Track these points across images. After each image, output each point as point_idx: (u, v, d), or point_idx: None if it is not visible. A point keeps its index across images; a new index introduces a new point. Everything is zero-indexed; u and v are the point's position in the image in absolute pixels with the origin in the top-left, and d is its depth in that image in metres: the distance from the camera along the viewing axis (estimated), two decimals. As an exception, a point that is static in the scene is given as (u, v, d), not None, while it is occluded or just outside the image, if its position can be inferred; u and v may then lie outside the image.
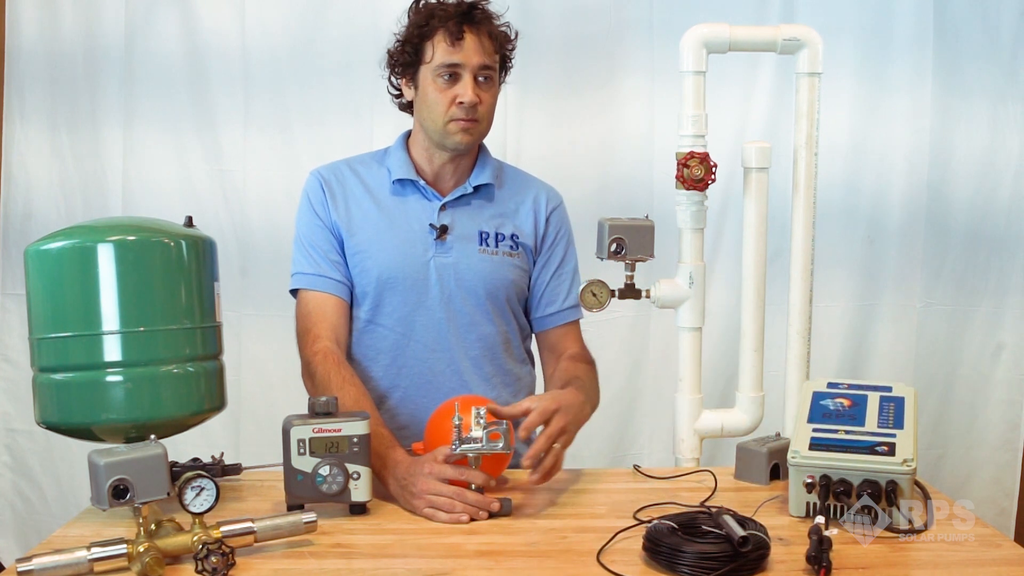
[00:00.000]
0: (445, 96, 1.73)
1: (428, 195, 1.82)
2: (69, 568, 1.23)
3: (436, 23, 1.73)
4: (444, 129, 1.75)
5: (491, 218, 1.85)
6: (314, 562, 1.30)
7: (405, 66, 1.79)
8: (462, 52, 1.72)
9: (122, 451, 1.29)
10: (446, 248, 1.80)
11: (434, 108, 1.75)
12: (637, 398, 2.85)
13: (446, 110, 1.74)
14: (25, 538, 2.86)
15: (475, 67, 1.73)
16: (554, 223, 1.91)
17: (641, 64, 2.75)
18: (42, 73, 2.76)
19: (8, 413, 2.85)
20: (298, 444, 1.44)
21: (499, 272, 1.83)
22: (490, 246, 1.82)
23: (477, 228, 1.83)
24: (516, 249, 1.85)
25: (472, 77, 1.73)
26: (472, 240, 1.82)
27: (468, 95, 1.72)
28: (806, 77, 1.89)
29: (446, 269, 1.79)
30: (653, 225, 1.80)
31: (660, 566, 1.26)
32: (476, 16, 1.74)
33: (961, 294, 2.83)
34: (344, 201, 1.81)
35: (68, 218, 2.73)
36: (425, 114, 1.77)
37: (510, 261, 1.84)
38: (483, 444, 1.47)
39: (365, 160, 1.89)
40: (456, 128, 1.75)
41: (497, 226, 1.85)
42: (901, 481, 1.39)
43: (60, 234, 1.48)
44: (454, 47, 1.72)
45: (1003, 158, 2.79)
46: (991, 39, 2.76)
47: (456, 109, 1.73)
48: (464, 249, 1.81)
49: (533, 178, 1.96)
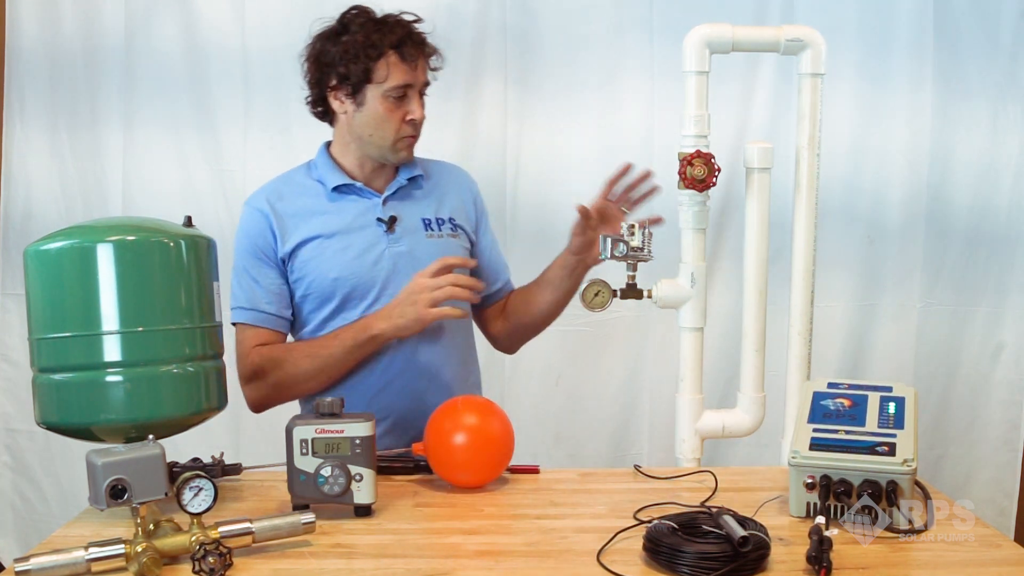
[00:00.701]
0: (396, 115, 1.80)
1: (366, 195, 1.86)
2: (66, 568, 1.23)
3: (388, 45, 1.76)
4: (393, 147, 1.82)
5: (428, 205, 1.91)
6: (314, 562, 1.30)
7: (349, 81, 1.79)
8: (415, 73, 1.79)
9: (120, 451, 1.29)
10: (397, 238, 1.85)
11: (385, 126, 1.80)
12: (637, 398, 2.85)
13: (397, 128, 1.81)
14: (25, 538, 2.86)
15: (421, 85, 1.82)
16: (480, 203, 2.01)
17: (641, 64, 2.75)
18: (42, 73, 2.76)
19: (8, 413, 2.85)
20: (300, 444, 1.44)
21: (450, 252, 1.89)
22: (435, 230, 1.89)
23: (420, 216, 1.89)
24: (456, 231, 1.92)
25: (419, 95, 1.82)
26: (418, 227, 1.88)
27: (419, 113, 1.81)
28: (809, 78, 1.89)
29: (402, 257, 1.84)
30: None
31: (660, 566, 1.26)
32: (422, 37, 1.81)
33: (961, 294, 2.83)
34: (289, 218, 1.83)
35: (68, 218, 2.73)
36: (372, 131, 1.81)
37: (455, 242, 1.91)
38: (645, 251, 1.75)
39: (294, 177, 1.90)
40: (403, 145, 1.83)
41: (435, 212, 1.91)
42: (901, 481, 1.39)
43: (60, 234, 1.48)
44: (409, 68, 1.78)
45: (1003, 158, 2.79)
46: (991, 39, 2.76)
47: (407, 127, 1.81)
48: (413, 237, 1.87)
49: (449, 164, 2.04)
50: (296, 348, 1.82)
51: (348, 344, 1.76)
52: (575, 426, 2.84)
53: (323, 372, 1.78)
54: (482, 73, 2.75)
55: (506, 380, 2.81)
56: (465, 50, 2.73)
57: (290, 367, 1.78)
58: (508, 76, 2.75)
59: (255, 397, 1.82)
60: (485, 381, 2.75)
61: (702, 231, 1.91)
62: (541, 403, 2.82)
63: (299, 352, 1.80)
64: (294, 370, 1.78)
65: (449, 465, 1.61)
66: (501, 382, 2.81)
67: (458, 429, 1.60)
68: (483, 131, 2.77)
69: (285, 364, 1.78)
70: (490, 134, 2.77)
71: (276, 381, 1.79)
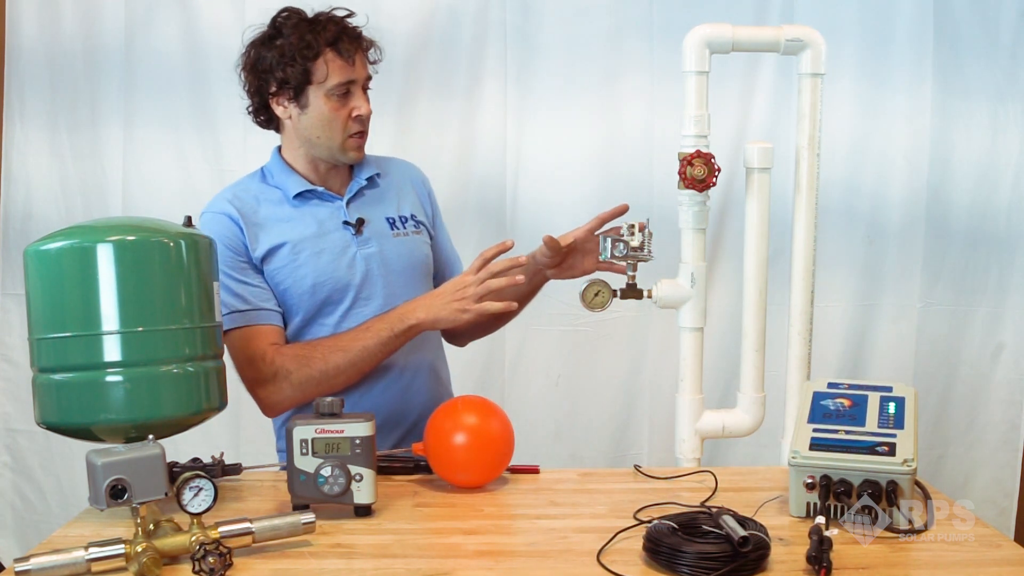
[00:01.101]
0: (341, 113, 1.79)
1: (328, 198, 1.86)
2: (66, 568, 1.23)
3: (324, 43, 1.75)
4: (342, 146, 1.81)
5: (389, 204, 1.91)
6: (314, 562, 1.30)
7: (289, 85, 1.77)
8: (355, 69, 1.78)
9: (120, 451, 1.29)
10: (366, 240, 1.85)
11: (332, 126, 1.79)
12: (637, 398, 2.85)
13: (344, 126, 1.79)
14: (25, 538, 2.86)
15: (363, 80, 1.81)
16: (433, 198, 2.02)
17: (641, 64, 2.75)
18: (42, 73, 2.76)
19: (8, 413, 2.85)
20: (300, 444, 1.44)
21: (417, 250, 1.91)
22: (399, 228, 1.90)
23: (383, 215, 1.89)
24: (418, 227, 1.93)
25: (362, 90, 1.80)
26: (384, 228, 1.88)
27: (365, 108, 1.80)
28: (809, 78, 1.89)
29: (372, 258, 1.84)
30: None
31: (660, 566, 1.26)
32: (357, 31, 1.80)
33: (961, 294, 2.83)
34: (254, 226, 1.80)
35: (68, 218, 2.73)
36: (319, 132, 1.80)
37: (419, 238, 1.92)
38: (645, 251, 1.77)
39: (249, 185, 1.87)
40: (352, 145, 1.82)
41: (397, 210, 1.92)
42: (901, 481, 1.39)
43: (59, 234, 1.48)
44: (348, 65, 1.76)
45: (1003, 158, 2.79)
46: (991, 39, 2.76)
47: (353, 124, 1.80)
48: (381, 237, 1.87)
49: (399, 160, 2.04)
50: (322, 344, 1.77)
51: (384, 336, 1.75)
52: (575, 426, 2.84)
53: (355, 366, 1.76)
54: (482, 73, 2.75)
55: (506, 380, 2.82)
56: (465, 50, 2.74)
57: (319, 363, 1.74)
58: (508, 76, 2.75)
59: (276, 400, 1.77)
60: (485, 381, 2.77)
61: (702, 231, 1.91)
62: (541, 403, 2.82)
63: (326, 347, 1.76)
64: (324, 366, 1.74)
65: (449, 465, 1.61)
66: (501, 382, 2.81)
67: (458, 429, 1.60)
68: (483, 131, 2.77)
69: (313, 361, 1.74)
70: (490, 134, 2.77)
71: (303, 379, 1.74)
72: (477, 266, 1.74)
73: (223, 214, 1.80)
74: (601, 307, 1.84)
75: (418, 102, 2.75)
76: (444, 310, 1.73)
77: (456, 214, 2.73)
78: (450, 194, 2.75)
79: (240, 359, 1.77)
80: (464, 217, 2.75)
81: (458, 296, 1.73)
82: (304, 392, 1.75)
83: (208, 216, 1.81)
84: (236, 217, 1.79)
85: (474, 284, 1.72)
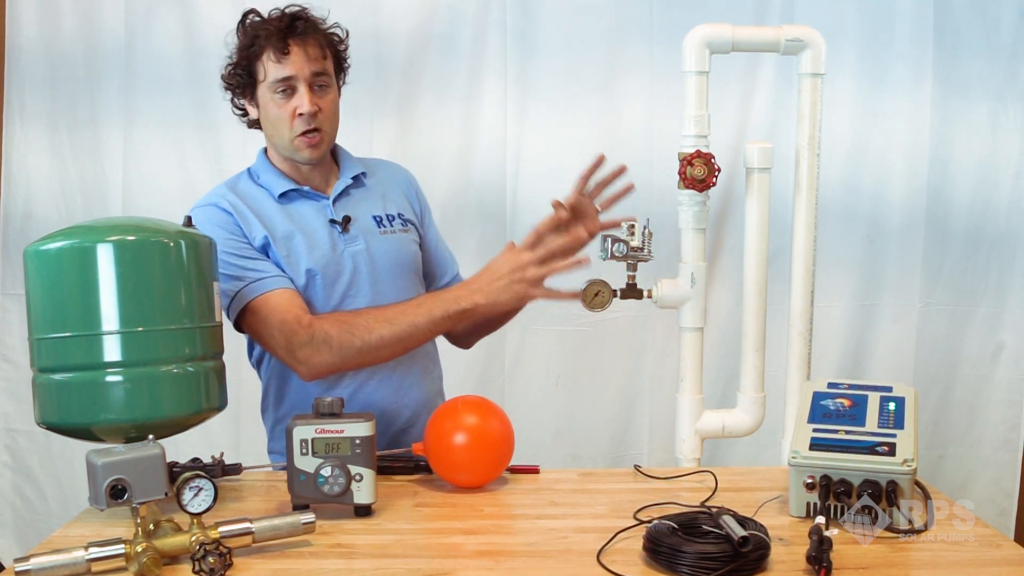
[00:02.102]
0: (285, 111, 1.76)
1: (314, 197, 1.84)
2: (66, 568, 1.23)
3: (262, 41, 1.75)
4: (292, 146, 1.78)
5: (376, 203, 1.90)
6: (314, 562, 1.30)
7: (243, 88, 1.81)
8: (291, 64, 1.74)
9: (120, 451, 1.29)
10: (353, 238, 1.83)
11: (278, 125, 1.78)
12: (637, 398, 2.85)
13: (290, 125, 1.76)
14: (25, 538, 2.86)
15: (307, 76, 1.75)
16: (422, 197, 2.00)
17: (641, 64, 2.75)
18: (42, 73, 2.76)
19: (8, 413, 2.85)
20: (300, 444, 1.44)
21: (405, 247, 1.89)
22: (387, 226, 1.88)
23: (370, 213, 1.87)
24: (406, 226, 1.91)
25: (307, 87, 1.76)
26: (371, 225, 1.86)
27: (305, 105, 1.74)
28: (809, 78, 1.89)
29: (360, 256, 1.82)
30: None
31: (660, 566, 1.26)
32: (299, 27, 1.76)
33: (961, 294, 2.83)
34: (250, 217, 1.79)
35: (68, 218, 2.73)
36: (271, 131, 1.81)
37: (407, 237, 1.90)
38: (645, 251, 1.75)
39: (237, 184, 1.86)
40: (302, 144, 1.77)
41: (384, 208, 1.90)
42: (901, 481, 1.39)
43: (59, 234, 1.48)
44: (282, 62, 1.74)
45: (1003, 158, 2.79)
46: (991, 39, 2.76)
47: (298, 122, 1.76)
48: (368, 235, 1.85)
49: (387, 161, 2.03)
50: (366, 313, 1.72)
51: (436, 315, 1.69)
52: (575, 426, 2.84)
53: (401, 342, 1.70)
54: (482, 73, 2.75)
55: (506, 380, 2.82)
56: (465, 50, 2.74)
57: (363, 331, 1.68)
58: (508, 76, 2.75)
59: (317, 363, 1.68)
60: (485, 381, 2.77)
61: (702, 231, 1.91)
62: (541, 403, 2.82)
63: (371, 316, 1.70)
64: (367, 335, 1.68)
65: (449, 465, 1.61)
66: (501, 382, 2.81)
67: (458, 429, 1.60)
68: (483, 131, 2.77)
69: (357, 328, 1.68)
70: (490, 134, 2.77)
71: (344, 345, 1.68)
72: (531, 241, 1.68)
73: (213, 205, 1.79)
74: (601, 307, 1.84)
75: (418, 102, 2.75)
76: (505, 293, 1.67)
77: (456, 214, 2.74)
78: (450, 194, 2.75)
79: (269, 328, 1.71)
80: (464, 217, 2.75)
81: (517, 279, 1.66)
82: (344, 360, 1.70)
83: (201, 210, 1.78)
84: (228, 208, 1.78)
85: (534, 264, 1.66)
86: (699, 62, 1.86)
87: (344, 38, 1.86)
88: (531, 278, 1.66)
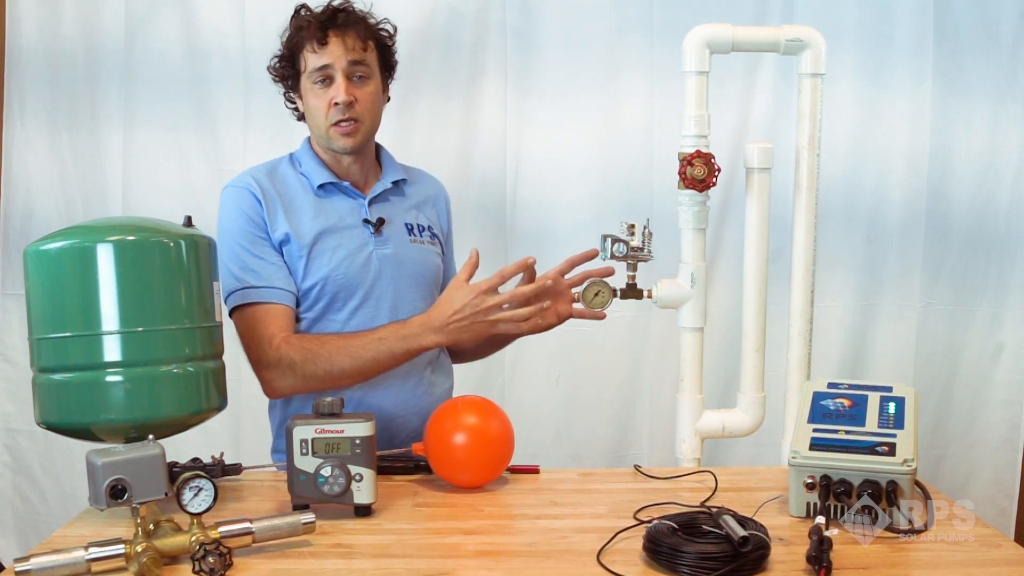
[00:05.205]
0: (322, 100, 1.78)
1: (351, 194, 1.86)
2: (66, 568, 1.23)
3: (304, 32, 1.78)
4: (327, 135, 1.80)
5: (409, 210, 1.92)
6: (314, 562, 1.30)
7: (289, 80, 1.85)
8: (328, 53, 1.76)
9: (120, 451, 1.29)
10: (384, 240, 1.84)
11: (315, 114, 1.80)
12: (637, 398, 2.85)
13: (326, 114, 1.78)
14: (25, 538, 2.85)
15: (345, 66, 1.77)
16: (450, 218, 2.05)
17: (641, 64, 2.75)
18: (42, 73, 2.76)
19: (8, 413, 2.85)
20: (300, 444, 1.44)
21: (430, 259, 1.91)
22: (416, 236, 1.90)
23: (403, 220, 1.89)
24: (434, 240, 1.93)
25: (344, 77, 1.77)
26: (402, 231, 1.88)
27: (340, 94, 1.76)
28: (809, 78, 1.89)
29: (387, 260, 1.83)
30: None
31: (660, 566, 1.26)
32: (340, 19, 1.78)
33: (961, 294, 2.83)
34: (278, 206, 1.80)
35: (68, 218, 2.73)
36: (312, 121, 1.83)
37: (433, 249, 1.92)
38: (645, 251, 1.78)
39: (278, 167, 1.88)
40: (336, 133, 1.79)
41: (416, 218, 1.92)
42: (901, 481, 1.39)
43: (59, 234, 1.48)
44: (319, 51, 1.76)
45: (1003, 158, 2.79)
46: (991, 39, 2.76)
47: (334, 111, 1.77)
48: (399, 240, 1.86)
49: (428, 174, 2.04)
50: (331, 342, 1.74)
51: (397, 352, 1.72)
52: (575, 426, 2.84)
53: (361, 373, 1.74)
54: (482, 73, 2.75)
55: (506, 380, 2.81)
56: (465, 50, 2.74)
57: (325, 363, 1.72)
58: (508, 76, 2.75)
59: (279, 386, 1.75)
60: (485, 381, 2.77)
61: (702, 231, 1.91)
62: (541, 403, 2.82)
63: (335, 347, 1.73)
64: (329, 367, 1.72)
65: (449, 465, 1.61)
66: (501, 382, 2.81)
67: (458, 429, 1.60)
68: (483, 131, 2.77)
69: (319, 359, 1.72)
70: (490, 134, 2.77)
71: (307, 374, 1.72)
72: (495, 284, 1.68)
73: (245, 188, 1.81)
74: (601, 307, 1.84)
75: (418, 102, 2.74)
76: (466, 332, 1.69)
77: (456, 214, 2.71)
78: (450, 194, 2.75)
79: (247, 337, 1.77)
80: (464, 217, 2.74)
81: (477, 319, 1.68)
82: (307, 385, 1.74)
83: (231, 190, 1.82)
84: (259, 195, 1.80)
85: (496, 310, 1.68)
86: (699, 62, 1.87)
87: (393, 33, 1.88)
88: (492, 323, 1.69)
